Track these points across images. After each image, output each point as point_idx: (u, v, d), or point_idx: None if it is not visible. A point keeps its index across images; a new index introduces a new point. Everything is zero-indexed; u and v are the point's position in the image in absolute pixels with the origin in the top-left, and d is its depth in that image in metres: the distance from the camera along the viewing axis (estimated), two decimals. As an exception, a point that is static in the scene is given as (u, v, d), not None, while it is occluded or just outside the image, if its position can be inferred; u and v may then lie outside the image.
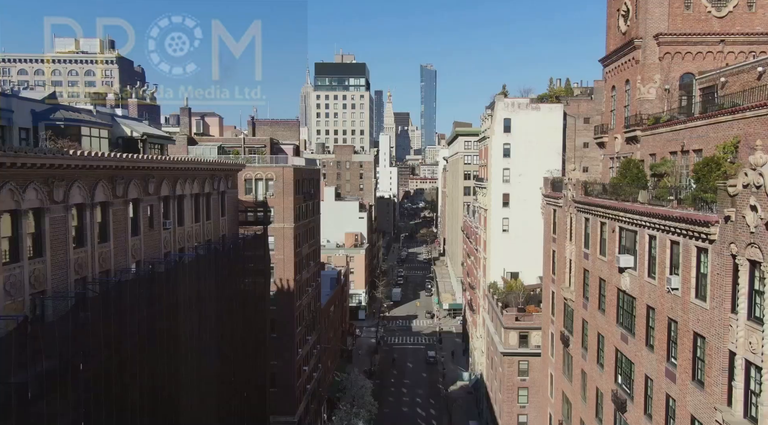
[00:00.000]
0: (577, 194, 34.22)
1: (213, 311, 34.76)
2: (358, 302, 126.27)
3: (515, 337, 63.47)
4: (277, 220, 63.99)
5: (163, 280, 27.56)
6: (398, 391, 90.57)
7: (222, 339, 36.86)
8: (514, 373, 63.27)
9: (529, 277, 77.27)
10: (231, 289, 38.78)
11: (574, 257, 35.11)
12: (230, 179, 43.08)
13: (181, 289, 29.43)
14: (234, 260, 39.78)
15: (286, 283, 64.18)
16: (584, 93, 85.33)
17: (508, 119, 79.14)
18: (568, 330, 36.44)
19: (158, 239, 30.54)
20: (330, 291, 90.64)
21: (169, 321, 28.07)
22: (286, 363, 64.32)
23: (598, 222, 30.17)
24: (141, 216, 28.57)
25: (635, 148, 33.28)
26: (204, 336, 33.11)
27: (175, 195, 32.59)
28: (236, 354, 40.23)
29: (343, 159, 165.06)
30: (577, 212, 34.29)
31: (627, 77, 34.93)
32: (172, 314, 28.44)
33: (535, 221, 78.45)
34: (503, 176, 79.75)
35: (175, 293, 28.41)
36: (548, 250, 42.16)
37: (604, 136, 38.26)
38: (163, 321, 27.95)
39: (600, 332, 30.00)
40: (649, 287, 23.82)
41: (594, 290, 30.94)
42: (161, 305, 27.52)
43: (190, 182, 34.83)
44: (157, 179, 30.35)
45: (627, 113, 34.97)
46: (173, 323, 28.45)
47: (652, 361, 23.15)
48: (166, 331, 28.21)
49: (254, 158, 65.13)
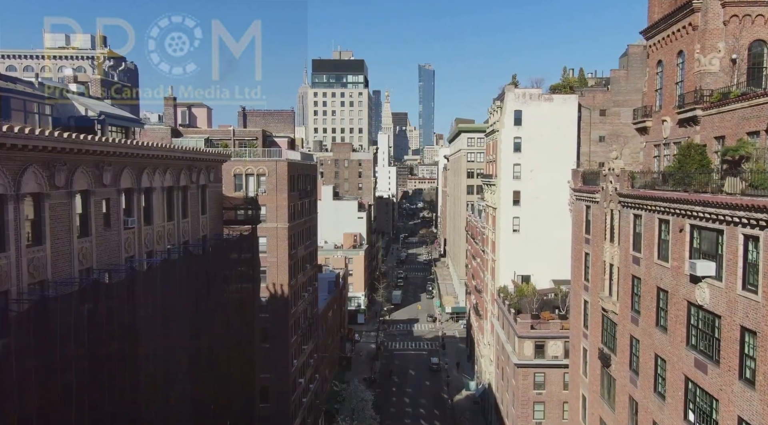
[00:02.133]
0: (622, 187, 28.71)
1: (188, 325, 29.14)
2: (358, 306, 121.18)
3: (530, 347, 58.09)
4: (270, 219, 58.45)
5: (118, 291, 21.92)
6: (400, 401, 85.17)
7: (200, 357, 31.22)
8: (529, 386, 57.87)
9: (542, 281, 72.26)
10: (212, 298, 33.14)
11: (617, 262, 29.59)
12: (213, 171, 37.43)
13: (144, 301, 23.84)
14: (217, 265, 34.17)
15: (280, 288, 58.58)
16: (599, 83, 79.93)
17: (519, 111, 73.76)
18: (608, 347, 30.92)
19: (117, 242, 24.89)
20: (328, 295, 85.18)
21: (126, 343, 22.44)
22: (279, 375, 58.72)
23: (656, 219, 24.64)
24: (92, 213, 22.92)
25: (692, 131, 27.85)
26: (175, 357, 27.48)
27: (140, 188, 26.94)
28: (218, 372, 34.60)
29: (342, 157, 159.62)
30: (622, 207, 28.77)
31: (680, 48, 29.48)
32: (131, 334, 22.80)
33: (548, 220, 73.42)
34: (514, 172, 74.35)
35: (134, 307, 22.76)
36: (579, 252, 36.63)
37: (646, 120, 32.81)
38: (117, 343, 22.37)
39: (659, 354, 24.46)
40: (744, 303, 18.25)
41: (649, 303, 25.42)
42: (115, 322, 21.92)
43: (161, 172, 29.19)
44: (115, 167, 24.71)
45: (679, 91, 29.56)
46: (131, 344, 22.81)
47: (752, 401, 17.59)
48: (120, 356, 22.62)
49: (245, 152, 59.51)
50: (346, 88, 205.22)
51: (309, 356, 69.06)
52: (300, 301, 64.58)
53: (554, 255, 73.52)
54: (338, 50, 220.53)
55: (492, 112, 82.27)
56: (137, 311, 22.71)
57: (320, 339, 75.83)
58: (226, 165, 58.47)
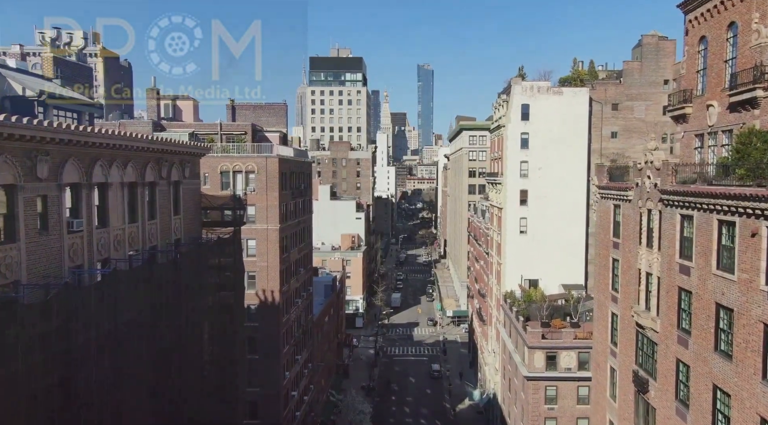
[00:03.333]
0: (664, 182, 24.28)
1: (151, 344, 24.65)
2: (356, 309, 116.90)
3: (541, 358, 53.66)
4: (260, 220, 54.00)
5: (45, 311, 17.41)
6: (400, 411, 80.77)
7: (168, 378, 26.76)
8: (540, 401, 53.48)
9: (551, 285, 68.05)
10: (184, 309, 28.68)
11: (657, 271, 25.15)
12: (188, 166, 32.87)
13: (89, 321, 19.39)
14: (191, 272, 29.69)
15: (270, 295, 54.11)
16: (610, 76, 75.54)
17: (527, 105, 69.34)
18: (646, 370, 26.49)
19: (58, 248, 20.40)
20: (324, 299, 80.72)
21: (62, 372, 17.97)
22: (270, 389, 54.31)
23: (715, 221, 20.23)
24: (21, 213, 18.44)
25: (748, 116, 23.50)
26: (133, 383, 23.00)
27: (90, 183, 22.43)
28: (194, 392, 30.16)
29: (339, 156, 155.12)
30: (664, 206, 24.34)
31: (732, 19, 25.14)
32: (67, 363, 18.33)
33: (557, 221, 69.04)
34: (521, 170, 69.98)
35: (68, 331, 18.26)
36: (605, 258, 32.16)
37: (686, 106, 28.41)
38: (54, 375, 17.95)
39: (720, 386, 20.04)
40: None
41: (704, 322, 21.01)
42: (50, 349, 17.48)
43: (119, 165, 24.66)
44: (55, 157, 20.22)
45: (730, 70, 25.23)
46: (67, 375, 18.34)
47: None
48: (59, 388, 18.21)
49: (233, 147, 55.04)
50: (345, 86, 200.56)
51: (303, 366, 64.59)
52: (293, 308, 60.09)
53: (564, 258, 69.33)
54: (336, 48, 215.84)
55: (497, 107, 77.81)
56: (76, 335, 18.21)
57: (315, 346, 71.36)
58: (212, 162, 54.18)
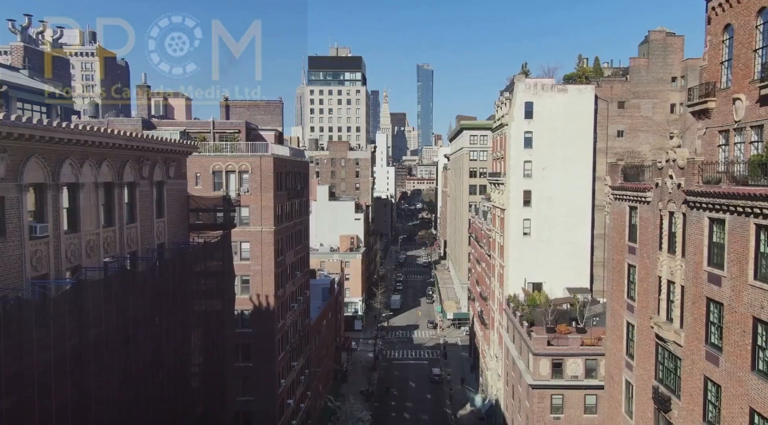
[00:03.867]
0: (689, 182, 22.16)
1: (125, 362, 22.51)
2: (354, 312, 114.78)
3: (547, 366, 51.57)
4: (253, 222, 51.86)
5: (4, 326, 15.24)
6: (400, 416, 78.67)
7: (147, 394, 24.59)
8: (545, 410, 51.37)
9: (555, 289, 65.97)
10: (166, 318, 26.53)
11: (680, 279, 23.03)
12: (174, 165, 30.70)
13: (49, 336, 17.25)
14: (174, 278, 27.55)
15: (265, 300, 51.94)
16: (616, 73, 73.39)
17: (530, 102, 67.24)
18: (667, 386, 24.36)
19: (18, 256, 18.25)
20: (322, 303, 78.58)
21: (15, 399, 15.81)
22: (265, 398, 52.16)
23: (752, 225, 18.12)
24: (-29, 217, 16.34)
25: (782, 110, 21.44)
26: (106, 399, 20.84)
27: (58, 183, 20.29)
28: (179, 404, 28.02)
29: (338, 156, 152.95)
30: (689, 208, 22.23)
31: (762, 5, 23.06)
32: (22, 386, 16.16)
33: (561, 223, 66.87)
34: (524, 170, 67.86)
35: (25, 350, 16.10)
36: (619, 263, 30.02)
37: (708, 100, 26.31)
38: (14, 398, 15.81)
39: (759, 411, 17.93)
40: None
41: (739, 338, 18.91)
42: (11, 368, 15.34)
43: (93, 164, 22.48)
44: (14, 154, 18.08)
45: (761, 59, 23.13)
46: (30, 396, 16.18)
47: None
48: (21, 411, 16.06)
49: (225, 146, 52.89)
50: (344, 85, 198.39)
51: (300, 372, 62.42)
52: (289, 313, 57.91)
53: (568, 261, 67.24)
54: (335, 47, 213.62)
55: (499, 105, 75.60)
56: (28, 355, 16.04)
57: (313, 351, 69.19)
58: (204, 161, 52.04)
